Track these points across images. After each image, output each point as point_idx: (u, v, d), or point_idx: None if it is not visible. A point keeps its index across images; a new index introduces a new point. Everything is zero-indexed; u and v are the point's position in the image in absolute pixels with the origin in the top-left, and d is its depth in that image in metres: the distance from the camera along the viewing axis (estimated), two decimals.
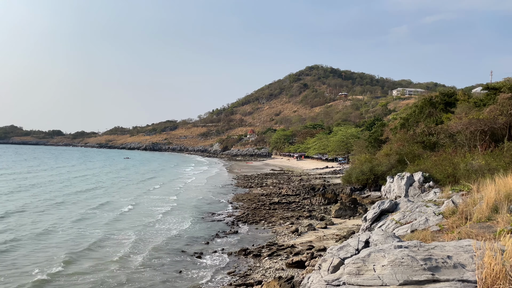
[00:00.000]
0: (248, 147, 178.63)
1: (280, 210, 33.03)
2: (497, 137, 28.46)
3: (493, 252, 3.73)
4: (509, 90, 29.46)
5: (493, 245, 4.00)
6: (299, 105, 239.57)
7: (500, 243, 4.22)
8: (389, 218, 14.30)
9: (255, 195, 42.86)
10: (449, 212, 10.87)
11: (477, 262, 3.97)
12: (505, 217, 8.53)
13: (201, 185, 53.58)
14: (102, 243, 22.41)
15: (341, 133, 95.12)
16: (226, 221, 28.90)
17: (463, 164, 22.82)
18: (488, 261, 3.72)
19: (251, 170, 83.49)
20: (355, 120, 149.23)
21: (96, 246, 21.73)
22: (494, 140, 28.25)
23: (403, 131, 42.17)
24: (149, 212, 32.50)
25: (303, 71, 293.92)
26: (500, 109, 27.59)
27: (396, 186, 27.17)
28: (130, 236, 23.90)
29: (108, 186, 50.76)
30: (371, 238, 6.82)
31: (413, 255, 4.40)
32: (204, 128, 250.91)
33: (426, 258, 4.33)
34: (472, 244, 4.45)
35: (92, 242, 22.36)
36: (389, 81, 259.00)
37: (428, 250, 4.63)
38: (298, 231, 24.04)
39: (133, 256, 19.67)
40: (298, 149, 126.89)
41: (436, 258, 4.33)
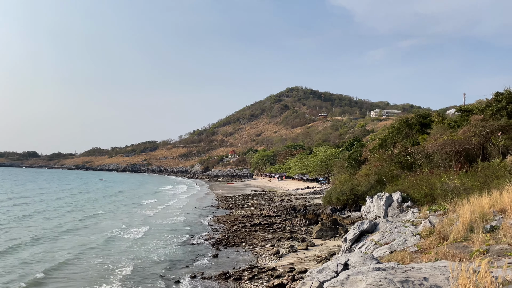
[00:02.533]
0: (229, 167, 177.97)
1: (261, 231, 32.73)
2: (471, 157, 29.26)
3: (468, 273, 3.78)
4: (481, 112, 30.56)
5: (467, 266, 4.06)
6: (280, 125, 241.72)
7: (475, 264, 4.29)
8: (369, 239, 14.36)
9: (236, 216, 42.43)
10: (427, 233, 11.00)
11: (452, 284, 4.01)
12: (480, 237, 8.69)
13: (180, 207, 52.71)
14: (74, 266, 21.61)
15: (321, 154, 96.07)
16: (206, 244, 28.39)
17: (439, 184, 23.29)
18: (463, 283, 3.76)
19: (232, 191, 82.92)
20: (334, 140, 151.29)
21: (68, 268, 20.91)
22: (468, 160, 29.02)
23: (381, 151, 42.88)
24: (125, 234, 31.63)
25: (284, 92, 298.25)
26: (473, 130, 28.49)
27: (375, 206, 27.41)
28: (104, 260, 23.13)
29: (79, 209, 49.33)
30: (350, 260, 6.82)
31: (391, 278, 4.42)
32: (184, 148, 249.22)
33: (403, 281, 4.35)
34: (448, 265, 4.50)
35: (59, 262, 21.57)
36: (367, 102, 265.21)
37: (405, 272, 4.66)
38: (279, 253, 23.81)
39: (109, 281, 18.99)
40: (279, 169, 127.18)
41: (413, 280, 4.35)
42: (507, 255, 7.41)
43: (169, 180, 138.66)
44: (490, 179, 20.98)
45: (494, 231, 9.48)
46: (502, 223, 9.86)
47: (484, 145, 28.34)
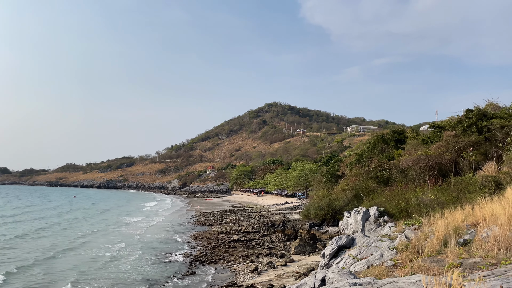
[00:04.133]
0: (207, 183, 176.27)
1: (240, 248, 32.37)
2: (444, 172, 30.02)
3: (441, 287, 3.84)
4: (453, 128, 31.53)
5: (441, 280, 4.11)
6: (259, 141, 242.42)
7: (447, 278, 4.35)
8: (346, 254, 14.41)
9: (214, 233, 41.87)
10: (402, 247, 11.13)
11: None
12: (453, 251, 8.85)
13: (157, 224, 51.65)
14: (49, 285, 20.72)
15: (299, 169, 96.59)
16: (184, 261, 27.83)
17: (414, 198, 23.74)
18: None
19: (211, 207, 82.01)
20: (312, 155, 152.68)
21: None
22: (442, 175, 29.76)
23: (358, 166, 43.47)
24: (100, 252, 30.66)
25: (262, 108, 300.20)
26: (446, 146, 29.31)
27: (353, 221, 27.64)
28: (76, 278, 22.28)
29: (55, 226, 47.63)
30: (327, 275, 6.81)
31: None
32: (162, 164, 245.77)
33: None
34: (422, 279, 4.55)
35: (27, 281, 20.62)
36: (344, 118, 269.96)
37: (381, 287, 4.68)
38: (257, 270, 23.56)
39: None
40: (258, 184, 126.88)
41: None
42: (480, 268, 7.56)
43: (146, 197, 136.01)
44: (463, 194, 21.55)
45: (467, 244, 9.69)
46: (474, 236, 10.10)
47: (456, 160, 29.17)
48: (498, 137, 27.67)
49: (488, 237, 8.85)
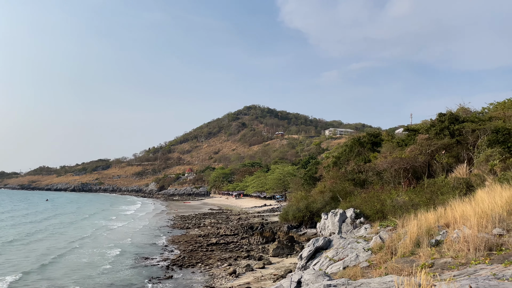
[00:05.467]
0: (186, 186, 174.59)
1: (218, 251, 32.20)
2: (418, 174, 30.80)
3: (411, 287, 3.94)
4: (426, 132, 32.39)
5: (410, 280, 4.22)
6: (238, 143, 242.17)
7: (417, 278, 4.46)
8: (323, 256, 14.56)
9: (192, 236, 41.49)
10: (377, 248, 11.34)
11: None
12: (426, 252, 9.08)
13: (133, 227, 50.77)
14: None
15: (278, 171, 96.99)
16: (161, 265, 27.44)
17: (389, 200, 24.22)
18: None
19: (189, 210, 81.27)
20: (291, 158, 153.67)
21: None
22: (416, 177, 30.52)
23: (335, 169, 44.06)
24: (74, 257, 29.87)
25: (242, 110, 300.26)
26: (419, 148, 30.09)
27: (330, 222, 27.94)
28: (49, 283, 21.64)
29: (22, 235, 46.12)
30: (303, 277, 6.86)
31: None
32: (139, 167, 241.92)
33: None
34: (394, 280, 4.65)
35: None
36: (321, 121, 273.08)
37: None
38: (236, 273, 23.49)
39: None
40: (237, 187, 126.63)
41: None
42: (450, 268, 7.79)
43: (124, 200, 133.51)
44: (436, 195, 22.14)
45: (439, 245, 9.96)
46: (446, 237, 10.39)
47: (430, 162, 29.98)
48: (469, 140, 28.62)
49: (459, 238, 9.12)
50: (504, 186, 14.81)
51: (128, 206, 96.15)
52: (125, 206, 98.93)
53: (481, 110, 37.26)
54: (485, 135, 27.20)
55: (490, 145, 25.76)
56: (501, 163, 22.22)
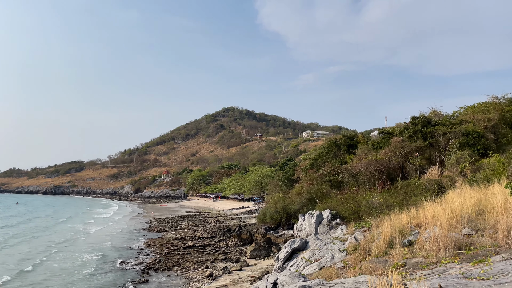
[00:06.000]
0: (162, 188, 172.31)
1: (195, 254, 31.91)
2: (392, 176, 31.50)
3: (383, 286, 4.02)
4: (400, 135, 33.20)
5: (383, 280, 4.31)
6: (216, 145, 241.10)
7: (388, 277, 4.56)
8: (300, 257, 14.66)
9: (168, 239, 40.97)
10: (352, 249, 11.51)
11: None
12: (398, 251, 9.28)
13: (110, 231, 49.72)
14: None
15: (256, 173, 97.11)
16: (136, 269, 26.96)
17: (364, 201, 24.66)
18: None
19: (165, 213, 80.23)
20: (269, 160, 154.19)
21: None
22: (390, 179, 31.21)
23: (312, 170, 44.51)
24: (53, 262, 28.97)
25: (220, 112, 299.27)
26: (394, 151, 30.80)
27: (307, 224, 28.17)
28: None
29: None
30: (279, 279, 6.89)
31: None
32: (114, 169, 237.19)
33: None
34: (367, 280, 4.74)
35: None
36: (299, 123, 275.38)
37: None
38: (212, 276, 23.34)
39: None
40: (214, 189, 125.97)
41: None
42: (422, 268, 7.99)
43: (98, 203, 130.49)
44: (409, 196, 22.69)
45: (411, 245, 10.21)
46: (418, 237, 10.66)
47: (403, 164, 30.72)
48: (441, 143, 29.51)
49: (430, 238, 9.38)
50: (474, 188, 15.32)
51: (105, 209, 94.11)
52: (102, 209, 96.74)
53: (452, 114, 38.52)
54: (455, 138, 28.11)
55: (461, 148, 26.64)
56: (470, 165, 23.00)
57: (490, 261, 6.90)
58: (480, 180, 17.96)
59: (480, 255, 7.63)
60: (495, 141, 28.73)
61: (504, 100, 35.87)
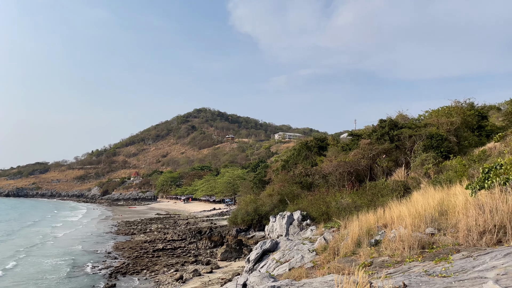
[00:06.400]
0: (131, 190, 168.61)
1: (165, 257, 31.42)
2: (361, 177, 32.24)
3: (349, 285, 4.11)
4: (368, 137, 34.04)
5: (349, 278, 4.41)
6: (187, 146, 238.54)
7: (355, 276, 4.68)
8: (270, 258, 14.73)
9: (137, 242, 40.13)
10: (321, 249, 11.68)
11: None
12: (366, 251, 9.50)
13: (76, 234, 48.14)
14: None
15: (228, 175, 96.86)
16: (103, 273, 26.25)
17: (334, 202, 25.09)
18: None
19: (134, 215, 78.56)
20: (241, 162, 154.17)
21: None
22: (358, 180, 31.92)
23: (284, 172, 44.90)
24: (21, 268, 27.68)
25: (191, 113, 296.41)
26: (362, 153, 31.54)
27: (278, 225, 28.36)
28: None
29: None
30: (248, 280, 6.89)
31: None
32: (81, 170, 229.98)
33: None
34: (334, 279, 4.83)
35: None
36: (271, 125, 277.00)
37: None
38: (182, 278, 23.07)
39: None
40: (185, 191, 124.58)
41: None
42: (387, 266, 8.22)
43: (63, 205, 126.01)
44: (377, 197, 23.28)
45: (378, 244, 10.47)
46: (384, 237, 10.95)
47: (372, 166, 31.51)
48: (406, 145, 30.47)
49: (395, 237, 9.66)
50: (437, 188, 15.90)
51: (73, 212, 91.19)
52: (70, 212, 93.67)
53: (418, 117, 39.89)
54: (420, 140, 29.10)
55: (425, 150, 27.60)
56: (434, 167, 23.87)
57: (451, 259, 7.19)
58: (443, 181, 18.65)
59: (442, 253, 7.94)
60: (457, 144, 29.96)
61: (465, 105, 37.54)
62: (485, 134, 33.58)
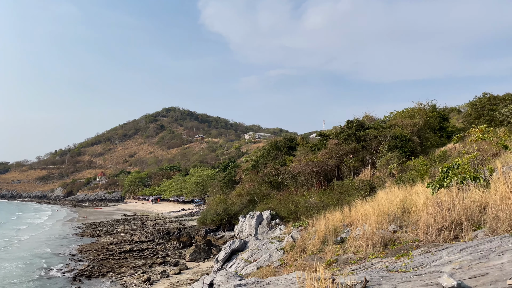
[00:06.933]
0: (97, 191, 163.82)
1: (132, 258, 30.78)
2: (329, 177, 32.88)
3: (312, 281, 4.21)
4: (336, 137, 34.76)
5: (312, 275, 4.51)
6: (156, 146, 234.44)
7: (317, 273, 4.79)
8: (239, 257, 14.77)
9: (103, 244, 39.07)
10: (289, 247, 11.85)
11: None
12: (331, 249, 9.72)
13: (39, 237, 46.24)
14: None
15: (197, 175, 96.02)
16: (67, 276, 25.39)
17: (302, 202, 25.44)
18: None
19: (100, 217, 76.40)
20: (211, 162, 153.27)
21: None
22: (326, 179, 32.54)
23: (253, 172, 45.04)
24: None
25: (160, 112, 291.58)
26: (330, 153, 32.17)
27: (247, 225, 28.45)
28: None
29: None
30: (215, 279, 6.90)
31: None
32: (44, 171, 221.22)
33: None
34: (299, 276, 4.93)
35: None
36: (241, 125, 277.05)
37: (263, 286, 4.93)
38: (150, 280, 22.69)
39: None
40: (154, 192, 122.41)
41: None
42: (351, 263, 8.46)
43: (25, 207, 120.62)
44: (343, 196, 23.81)
45: (343, 242, 10.74)
46: (349, 234, 11.24)
47: (339, 166, 32.19)
48: (372, 145, 31.35)
49: (360, 235, 9.95)
50: (401, 187, 16.47)
51: (37, 214, 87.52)
52: (34, 213, 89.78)
53: (383, 118, 41.14)
54: (386, 141, 30.02)
55: (390, 150, 28.51)
56: (398, 167, 24.69)
57: (411, 254, 7.49)
58: (406, 181, 19.33)
59: (403, 250, 8.25)
60: (420, 144, 31.13)
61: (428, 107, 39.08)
62: (446, 135, 35.11)
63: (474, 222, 8.43)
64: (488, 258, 5.72)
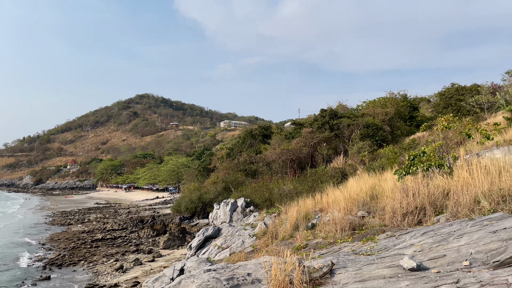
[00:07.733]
0: (68, 179, 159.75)
1: (104, 247, 30.42)
2: (302, 164, 33.35)
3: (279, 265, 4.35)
4: (310, 126, 35.18)
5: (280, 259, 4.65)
6: (129, 133, 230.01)
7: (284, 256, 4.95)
8: (212, 244, 14.89)
9: (74, 233, 38.37)
10: (261, 233, 12.04)
11: (267, 275, 4.54)
12: (302, 234, 9.96)
13: (8, 226, 44.84)
14: None
15: (172, 163, 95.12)
16: (36, 265, 24.86)
17: (276, 189, 25.75)
18: (274, 273, 4.31)
19: (71, 205, 74.76)
20: (186, 149, 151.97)
21: None
22: (300, 167, 33.00)
23: (228, 160, 45.08)
24: None
25: (133, 99, 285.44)
26: (304, 141, 32.58)
27: (222, 212, 28.58)
28: None
29: None
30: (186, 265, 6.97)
31: (218, 277, 4.71)
32: (11, 158, 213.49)
33: (229, 278, 4.70)
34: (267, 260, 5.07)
35: None
36: (217, 113, 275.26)
37: (232, 271, 5.03)
38: (123, 268, 22.54)
39: None
40: (127, 180, 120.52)
41: (237, 277, 4.74)
42: (320, 248, 8.71)
43: None
44: (316, 183, 24.24)
45: (314, 228, 11.02)
46: (320, 220, 11.53)
47: (313, 154, 32.68)
48: (345, 134, 31.95)
49: (330, 221, 10.23)
50: (371, 175, 16.94)
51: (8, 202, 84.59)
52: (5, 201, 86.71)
53: (356, 107, 41.88)
54: (358, 129, 30.66)
55: (362, 139, 29.16)
56: (369, 154, 25.32)
57: (377, 239, 7.79)
58: (376, 168, 19.88)
59: (369, 234, 8.56)
60: (391, 133, 31.97)
61: (399, 96, 40.03)
62: (415, 124, 36.18)
63: (437, 207, 8.83)
64: (447, 241, 6.04)
